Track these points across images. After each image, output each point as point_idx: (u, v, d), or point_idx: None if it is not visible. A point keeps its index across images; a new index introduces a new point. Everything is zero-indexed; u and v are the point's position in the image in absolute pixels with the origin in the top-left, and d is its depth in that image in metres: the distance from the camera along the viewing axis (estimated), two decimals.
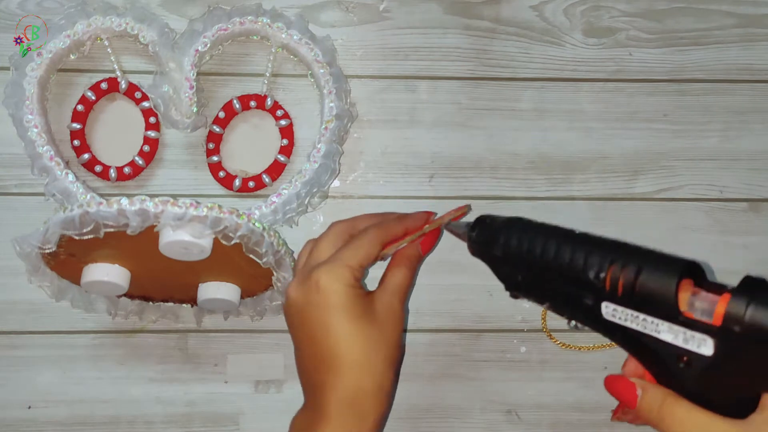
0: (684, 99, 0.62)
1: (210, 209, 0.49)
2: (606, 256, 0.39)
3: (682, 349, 0.37)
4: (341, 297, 0.47)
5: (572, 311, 0.41)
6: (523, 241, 0.43)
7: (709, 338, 0.36)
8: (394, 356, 0.48)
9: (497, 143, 0.61)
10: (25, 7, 0.60)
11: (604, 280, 0.39)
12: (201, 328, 0.59)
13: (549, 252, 0.41)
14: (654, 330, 0.38)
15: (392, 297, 0.49)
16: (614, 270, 0.38)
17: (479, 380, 0.60)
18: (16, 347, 0.59)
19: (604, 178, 0.61)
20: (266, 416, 0.59)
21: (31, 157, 0.57)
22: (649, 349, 0.38)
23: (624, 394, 0.41)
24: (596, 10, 0.62)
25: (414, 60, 0.61)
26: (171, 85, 0.58)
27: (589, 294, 0.39)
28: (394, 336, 0.48)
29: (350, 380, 0.47)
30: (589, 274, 0.39)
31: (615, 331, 0.39)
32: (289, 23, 0.59)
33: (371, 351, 0.47)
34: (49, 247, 0.49)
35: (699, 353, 0.36)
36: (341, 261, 0.48)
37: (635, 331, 0.38)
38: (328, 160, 0.58)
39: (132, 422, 0.59)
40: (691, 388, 0.38)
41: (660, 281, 0.37)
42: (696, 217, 0.61)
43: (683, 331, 0.37)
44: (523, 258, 0.43)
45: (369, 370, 0.47)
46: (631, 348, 0.40)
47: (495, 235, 0.45)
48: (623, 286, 0.38)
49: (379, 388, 0.47)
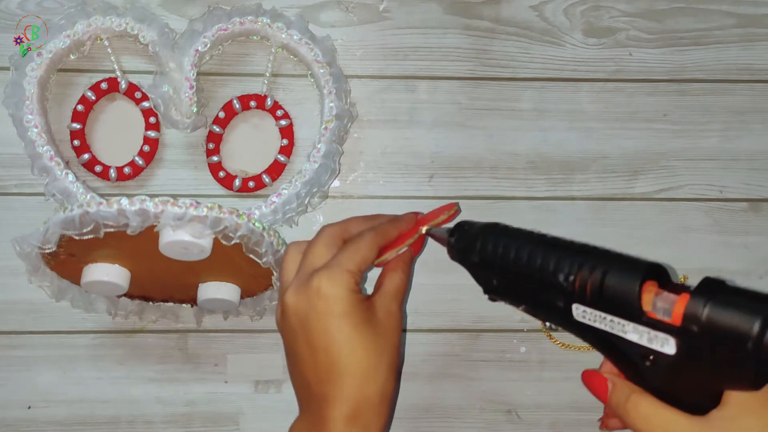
0: (684, 99, 0.62)
1: (210, 209, 0.49)
2: (574, 259, 0.40)
3: (647, 348, 0.38)
4: (344, 303, 0.45)
5: (546, 313, 0.43)
6: (498, 247, 0.44)
7: (671, 338, 0.37)
8: (396, 361, 0.48)
9: (497, 143, 0.61)
10: (25, 7, 0.60)
11: (573, 283, 0.40)
12: (201, 328, 0.59)
13: (522, 257, 0.43)
14: (621, 330, 0.39)
15: (391, 301, 0.48)
16: (582, 273, 0.40)
17: (479, 380, 0.60)
18: (16, 347, 0.59)
19: (604, 178, 0.61)
20: (266, 416, 0.59)
21: (31, 157, 0.57)
22: (618, 349, 0.39)
23: (597, 388, 0.43)
24: (596, 10, 0.62)
25: (414, 60, 0.61)
26: (171, 85, 0.58)
27: (560, 296, 0.41)
28: (394, 341, 0.48)
29: (353, 391, 0.46)
30: (559, 277, 0.41)
31: (586, 331, 0.41)
32: (289, 23, 0.59)
33: (374, 358, 0.46)
34: (49, 247, 0.49)
35: (662, 352, 0.38)
36: (341, 266, 0.46)
37: (604, 332, 0.40)
38: (328, 160, 0.58)
39: (132, 422, 0.59)
40: (656, 385, 0.39)
41: (624, 283, 0.38)
42: (696, 217, 0.61)
43: (647, 331, 0.38)
44: (497, 263, 0.44)
45: (372, 379, 0.46)
46: (601, 347, 0.41)
47: (472, 240, 0.46)
48: (591, 288, 0.39)
49: (383, 397, 0.47)
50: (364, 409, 0.46)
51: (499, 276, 0.44)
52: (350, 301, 0.46)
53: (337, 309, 0.45)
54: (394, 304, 0.49)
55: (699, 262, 0.61)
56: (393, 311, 0.48)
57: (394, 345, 0.48)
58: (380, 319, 0.48)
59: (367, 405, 0.46)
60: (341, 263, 0.47)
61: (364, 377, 0.46)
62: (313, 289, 0.46)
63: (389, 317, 0.48)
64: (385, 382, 0.47)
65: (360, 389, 0.46)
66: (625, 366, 0.41)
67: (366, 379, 0.46)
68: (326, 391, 0.46)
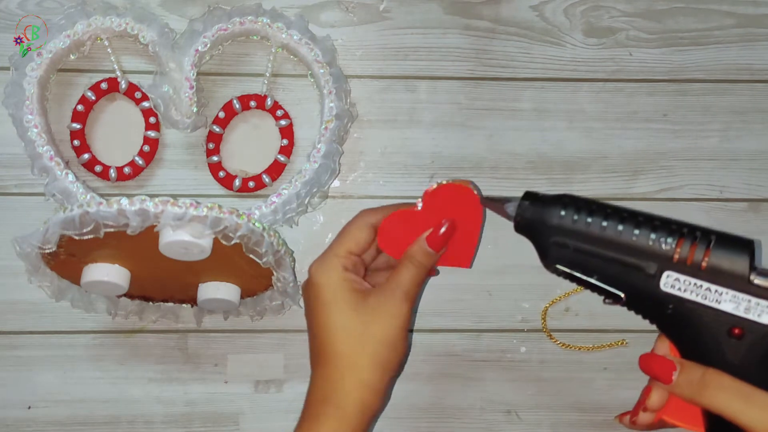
0: (684, 99, 0.62)
1: (210, 209, 0.49)
2: (676, 229, 0.42)
3: (740, 318, 0.40)
4: (328, 290, 0.48)
5: (624, 283, 0.43)
6: (582, 213, 0.44)
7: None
8: (384, 354, 0.47)
9: (497, 143, 0.61)
10: (25, 7, 0.60)
11: (673, 250, 0.41)
12: (201, 328, 0.59)
13: (614, 224, 0.43)
14: (715, 300, 0.40)
15: (390, 294, 0.48)
16: (684, 242, 0.41)
17: (479, 380, 0.60)
18: (16, 347, 0.59)
19: (604, 178, 0.61)
20: (266, 416, 0.59)
21: (31, 157, 0.57)
22: (697, 323, 0.41)
23: (660, 371, 0.42)
24: (596, 10, 0.62)
25: (414, 60, 0.61)
26: (171, 85, 0.58)
27: (652, 264, 0.42)
28: (385, 333, 0.47)
29: (331, 373, 0.47)
30: (661, 243, 0.41)
31: (666, 303, 0.41)
32: (289, 23, 0.59)
33: (356, 345, 0.47)
34: (49, 247, 0.49)
35: (758, 322, 0.39)
36: (329, 251, 0.49)
37: (691, 303, 0.41)
38: (328, 160, 0.58)
39: (132, 422, 0.59)
40: (734, 360, 0.40)
41: (734, 252, 0.41)
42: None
43: (747, 299, 0.40)
44: (581, 229, 0.44)
45: (350, 365, 0.47)
46: (674, 323, 0.42)
47: (549, 207, 0.45)
48: (693, 256, 0.41)
49: (360, 384, 0.47)
50: (339, 393, 0.47)
51: (579, 243, 0.44)
52: (336, 287, 0.47)
53: (322, 296, 0.48)
54: (393, 297, 0.48)
55: None
56: (389, 303, 0.47)
57: (382, 336, 0.47)
58: (371, 308, 0.47)
59: (343, 390, 0.47)
60: (331, 249, 0.49)
61: (342, 362, 0.47)
62: (309, 276, 0.49)
63: (382, 308, 0.47)
64: (364, 370, 0.47)
65: (337, 373, 0.47)
66: (698, 343, 0.41)
67: (344, 364, 0.47)
68: (312, 373, 0.48)
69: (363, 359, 0.47)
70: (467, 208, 0.49)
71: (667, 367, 0.42)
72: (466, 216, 0.49)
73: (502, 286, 0.60)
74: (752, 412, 0.39)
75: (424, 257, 0.49)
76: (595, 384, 0.60)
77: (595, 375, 0.60)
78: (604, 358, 0.60)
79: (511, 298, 0.60)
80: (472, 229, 0.50)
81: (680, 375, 0.42)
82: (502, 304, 0.60)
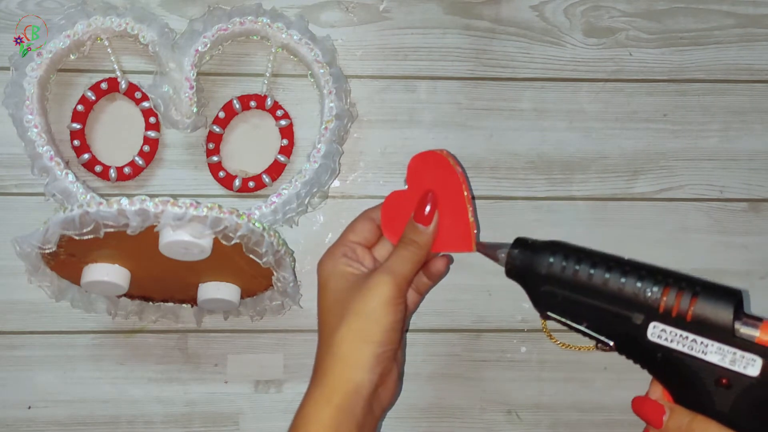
0: (683, 99, 0.62)
1: (210, 209, 0.49)
2: (661, 279, 0.42)
3: (726, 370, 0.39)
4: (325, 275, 0.50)
5: (612, 331, 0.43)
6: (570, 261, 0.44)
7: (759, 358, 0.38)
8: (360, 324, 0.47)
9: (497, 143, 0.61)
10: (25, 7, 0.60)
11: (658, 301, 0.41)
12: (201, 328, 0.59)
13: (601, 272, 0.43)
14: (701, 351, 0.40)
15: (376, 272, 0.48)
16: (670, 292, 0.41)
17: (479, 380, 0.60)
18: (16, 347, 0.59)
19: (604, 178, 0.61)
20: (266, 416, 0.59)
21: (31, 157, 0.57)
22: (685, 372, 0.41)
23: (651, 415, 0.43)
24: (596, 10, 0.62)
25: (413, 60, 0.61)
26: (171, 85, 0.58)
27: (638, 314, 0.42)
28: (362, 305, 0.47)
29: (319, 352, 0.49)
30: (646, 293, 0.42)
31: (654, 352, 0.42)
32: (289, 23, 0.59)
33: (336, 321, 0.47)
34: (49, 247, 0.49)
35: (744, 374, 0.39)
36: (336, 243, 0.51)
37: (678, 353, 0.41)
38: (328, 160, 0.58)
39: (132, 422, 0.59)
40: (723, 408, 0.40)
41: (718, 304, 0.40)
42: (696, 217, 0.61)
43: (733, 352, 0.39)
44: (569, 278, 0.44)
45: (330, 341, 0.47)
46: (666, 371, 0.42)
47: (538, 255, 0.46)
48: (679, 307, 0.41)
49: (338, 359, 0.47)
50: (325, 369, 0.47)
51: (567, 292, 0.44)
52: (332, 273, 0.49)
53: (321, 281, 0.50)
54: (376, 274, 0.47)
55: (699, 262, 0.61)
56: (372, 280, 0.47)
57: (357, 310, 0.47)
58: (356, 287, 0.48)
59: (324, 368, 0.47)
60: (338, 240, 0.51)
61: (327, 343, 0.48)
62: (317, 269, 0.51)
63: (364, 285, 0.47)
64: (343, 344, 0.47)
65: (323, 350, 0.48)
66: (686, 390, 0.41)
67: (327, 344, 0.48)
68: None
69: (339, 333, 0.47)
70: (445, 176, 0.49)
71: (657, 411, 0.43)
72: (447, 185, 0.49)
73: (502, 286, 0.60)
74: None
75: (415, 234, 0.49)
76: (595, 384, 0.60)
77: (595, 375, 0.60)
78: (604, 358, 0.60)
79: (511, 298, 0.60)
80: (458, 200, 0.49)
81: (669, 420, 0.42)
82: (502, 304, 0.60)
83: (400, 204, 0.50)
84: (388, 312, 0.47)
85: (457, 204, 0.49)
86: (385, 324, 0.47)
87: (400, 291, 0.47)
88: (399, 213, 0.50)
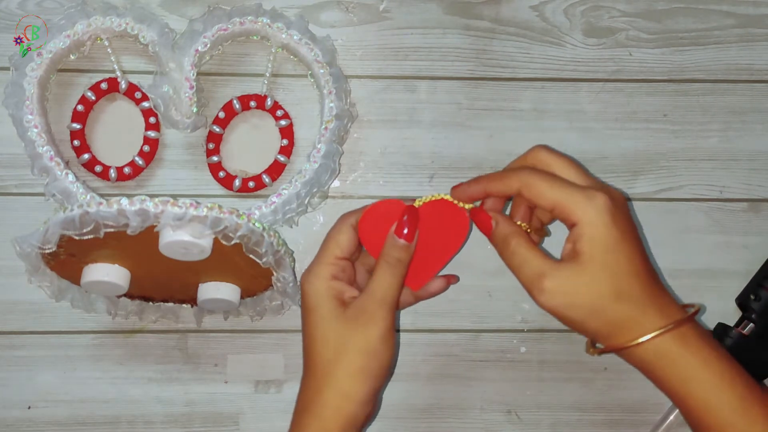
0: (683, 99, 0.62)
1: (210, 209, 0.49)
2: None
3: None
4: (312, 298, 0.48)
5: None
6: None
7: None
8: (363, 362, 0.47)
9: (497, 143, 0.61)
10: (25, 7, 0.60)
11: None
12: (201, 328, 0.59)
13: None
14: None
15: (367, 300, 0.48)
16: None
17: (479, 380, 0.60)
18: (16, 347, 0.59)
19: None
20: (266, 416, 0.59)
21: (31, 157, 0.57)
22: None
23: (483, 223, 0.48)
24: (596, 10, 0.62)
25: (413, 60, 0.61)
26: (171, 85, 0.58)
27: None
28: (363, 342, 0.47)
29: (312, 383, 0.48)
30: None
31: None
32: (289, 23, 0.59)
33: (333, 355, 0.47)
34: (49, 247, 0.49)
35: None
36: (317, 260, 0.50)
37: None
38: (328, 160, 0.58)
39: (132, 422, 0.59)
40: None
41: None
42: (696, 217, 0.61)
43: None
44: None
45: (328, 375, 0.47)
46: None
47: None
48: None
49: (339, 394, 0.47)
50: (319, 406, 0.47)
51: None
52: (321, 297, 0.48)
53: (307, 304, 0.49)
54: (369, 305, 0.48)
55: (699, 262, 0.61)
56: (366, 312, 0.47)
57: (359, 348, 0.47)
58: (350, 318, 0.47)
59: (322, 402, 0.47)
60: (318, 257, 0.50)
61: (322, 375, 0.47)
62: (300, 285, 0.50)
63: (360, 318, 0.47)
64: (344, 381, 0.47)
65: (317, 383, 0.47)
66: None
67: (324, 377, 0.47)
68: (301, 381, 0.49)
69: (341, 370, 0.47)
70: (455, 229, 0.51)
71: (487, 222, 0.48)
72: (449, 232, 0.51)
73: (502, 287, 0.60)
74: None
75: (395, 251, 0.49)
76: (595, 384, 0.60)
77: (595, 375, 0.60)
78: (604, 358, 0.60)
79: (511, 299, 0.60)
80: (445, 251, 0.52)
81: (496, 229, 0.48)
82: (502, 304, 0.60)
83: (386, 217, 0.50)
84: (388, 347, 0.47)
85: (441, 252, 0.51)
86: (385, 360, 0.48)
87: (393, 320, 0.48)
88: (382, 226, 0.50)
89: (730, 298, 0.60)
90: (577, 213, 0.44)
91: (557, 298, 0.44)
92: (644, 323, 0.44)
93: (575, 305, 0.44)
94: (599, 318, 0.44)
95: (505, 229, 0.47)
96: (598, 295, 0.44)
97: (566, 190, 0.45)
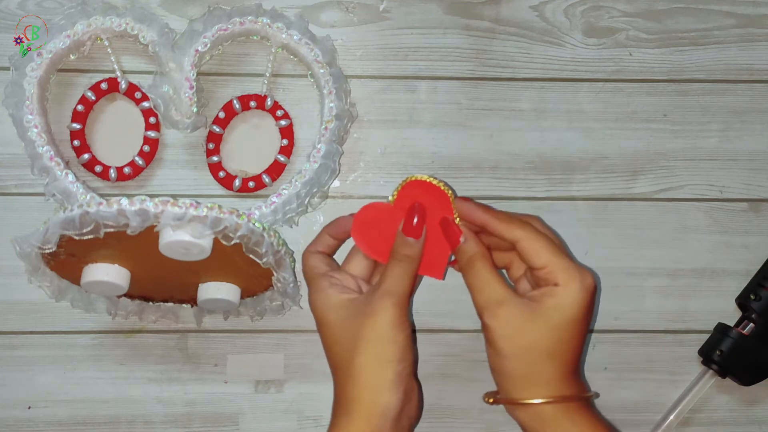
0: (683, 99, 0.62)
1: (210, 209, 0.49)
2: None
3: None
4: (321, 311, 0.50)
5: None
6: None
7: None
8: (376, 349, 0.47)
9: (497, 143, 0.61)
10: (25, 7, 0.60)
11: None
12: (201, 328, 0.59)
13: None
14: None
15: (372, 294, 0.49)
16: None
17: (479, 380, 0.60)
18: (16, 347, 0.59)
19: (604, 178, 0.61)
20: (266, 416, 0.59)
21: (31, 157, 0.57)
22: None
23: (451, 236, 0.49)
24: (596, 10, 0.62)
25: (413, 60, 0.61)
26: (171, 85, 0.58)
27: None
28: (372, 330, 0.47)
29: (337, 387, 0.49)
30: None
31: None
32: (289, 23, 0.59)
33: (348, 353, 0.48)
34: (49, 247, 0.49)
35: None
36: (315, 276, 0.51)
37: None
38: (328, 160, 0.58)
39: (132, 422, 0.59)
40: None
41: None
42: (696, 217, 0.61)
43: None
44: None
45: (348, 372, 0.48)
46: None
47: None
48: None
49: (362, 387, 0.47)
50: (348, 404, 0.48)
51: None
52: (330, 305, 0.49)
53: (318, 317, 0.50)
54: (373, 298, 0.48)
55: (699, 262, 0.61)
56: (371, 305, 0.48)
57: (369, 337, 0.47)
58: (357, 315, 0.48)
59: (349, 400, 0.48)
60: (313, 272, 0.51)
61: (343, 375, 0.48)
62: (310, 303, 0.51)
63: (366, 311, 0.48)
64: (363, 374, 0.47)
65: (342, 386, 0.48)
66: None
67: (345, 376, 0.48)
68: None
69: (357, 362, 0.47)
70: (439, 205, 0.50)
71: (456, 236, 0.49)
72: (438, 211, 0.50)
73: None
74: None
75: (406, 248, 0.49)
76: (595, 384, 0.60)
77: (595, 375, 0.60)
78: (604, 358, 0.60)
79: None
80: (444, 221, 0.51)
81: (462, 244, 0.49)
82: None
83: (378, 218, 0.51)
84: (401, 330, 0.48)
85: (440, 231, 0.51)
86: (399, 342, 0.48)
87: (403, 310, 0.48)
88: (376, 226, 0.51)
89: (730, 298, 0.60)
90: (564, 279, 0.47)
91: (504, 327, 0.46)
92: (546, 390, 0.47)
93: (513, 340, 0.46)
94: (522, 364, 0.47)
95: (472, 247, 0.49)
96: (536, 345, 0.46)
97: (563, 257, 0.47)
